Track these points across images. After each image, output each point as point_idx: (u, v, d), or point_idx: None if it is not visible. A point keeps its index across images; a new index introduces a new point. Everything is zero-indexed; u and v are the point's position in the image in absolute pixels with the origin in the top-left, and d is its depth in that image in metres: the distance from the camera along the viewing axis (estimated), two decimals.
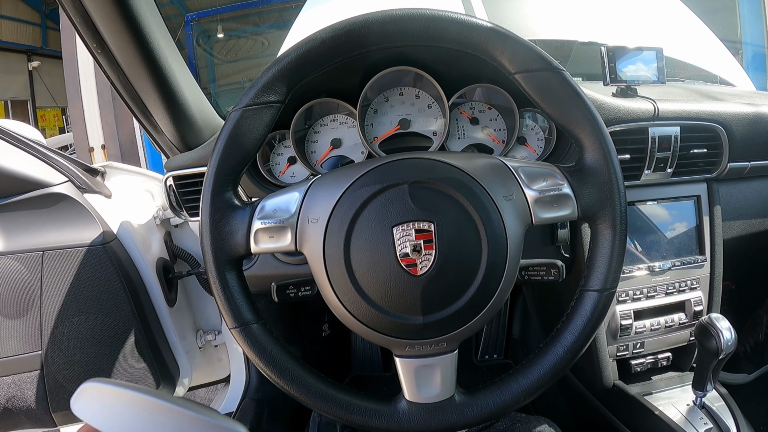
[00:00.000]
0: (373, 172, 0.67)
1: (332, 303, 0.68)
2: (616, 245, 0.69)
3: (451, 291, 0.65)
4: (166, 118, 1.06)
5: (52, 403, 1.17)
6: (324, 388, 0.70)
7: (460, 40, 0.67)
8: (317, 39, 0.66)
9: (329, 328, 1.63)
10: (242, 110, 0.67)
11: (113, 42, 0.93)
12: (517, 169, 0.69)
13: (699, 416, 1.04)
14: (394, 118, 1.01)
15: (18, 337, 1.14)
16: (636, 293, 1.11)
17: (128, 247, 1.19)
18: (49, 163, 1.14)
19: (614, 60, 1.12)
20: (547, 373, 0.70)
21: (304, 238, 0.67)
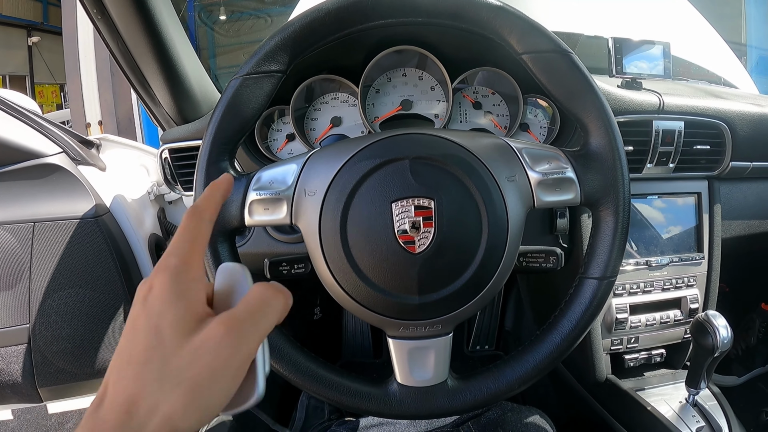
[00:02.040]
0: (374, 145, 0.66)
1: (326, 279, 0.66)
2: (618, 233, 0.68)
3: (449, 271, 0.64)
4: (165, 90, 1.04)
5: (39, 378, 1.16)
6: (314, 367, 0.69)
7: (468, 18, 0.66)
8: (322, 9, 0.65)
9: (320, 312, 1.62)
10: (242, 78, 0.65)
11: (114, 8, 0.91)
12: (521, 150, 0.68)
13: (691, 414, 1.04)
14: (396, 99, 0.99)
15: (5, 309, 1.13)
16: (633, 287, 1.10)
17: (121, 221, 1.18)
18: (44, 134, 1.13)
19: (621, 52, 1.11)
20: (543, 361, 0.69)
21: (300, 211, 0.65)
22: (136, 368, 0.36)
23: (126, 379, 0.36)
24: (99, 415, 0.35)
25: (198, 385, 0.36)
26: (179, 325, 0.38)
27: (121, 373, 0.37)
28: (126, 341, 0.38)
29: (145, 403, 0.35)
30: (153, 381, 0.36)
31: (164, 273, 0.39)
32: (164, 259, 0.40)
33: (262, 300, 0.41)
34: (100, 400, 0.36)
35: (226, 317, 0.39)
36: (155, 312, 0.38)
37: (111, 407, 0.35)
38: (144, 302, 0.39)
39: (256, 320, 0.40)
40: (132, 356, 0.37)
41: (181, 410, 0.35)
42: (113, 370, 0.37)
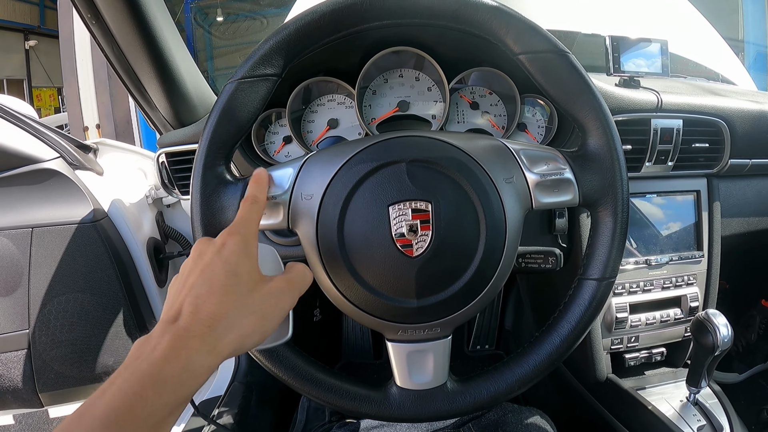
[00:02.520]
0: (371, 149, 0.65)
1: (323, 283, 0.66)
2: (616, 234, 0.67)
3: (447, 274, 0.64)
4: (161, 94, 1.04)
5: (39, 383, 1.16)
6: (313, 372, 0.69)
7: (464, 18, 0.65)
8: (317, 12, 0.64)
9: (320, 314, 1.62)
10: (237, 82, 0.65)
11: (108, 12, 0.91)
12: (519, 151, 0.68)
13: (692, 413, 1.03)
14: (393, 100, 0.99)
15: (5, 315, 1.13)
16: (632, 286, 1.10)
17: (119, 225, 1.17)
18: (41, 139, 1.13)
19: (618, 50, 1.10)
20: (543, 363, 0.69)
21: (297, 216, 0.65)
22: (219, 297, 0.49)
23: (208, 303, 0.49)
24: (180, 325, 0.47)
25: (265, 316, 0.52)
26: (251, 274, 0.53)
27: (200, 299, 0.49)
28: (202, 278, 0.51)
29: (225, 322, 0.48)
30: (232, 308, 0.49)
31: (237, 236, 0.54)
32: (235, 227, 0.55)
33: (303, 272, 0.58)
34: (174, 316, 0.48)
35: (286, 277, 0.56)
36: (232, 262, 0.52)
37: (193, 321, 0.47)
38: (218, 253, 0.52)
39: (301, 285, 0.57)
40: (213, 288, 0.50)
41: (249, 331, 0.50)
42: (187, 296, 0.49)
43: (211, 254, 0.53)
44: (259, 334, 0.52)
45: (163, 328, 0.47)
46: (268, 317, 0.52)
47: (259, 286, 0.53)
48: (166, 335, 0.46)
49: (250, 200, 0.59)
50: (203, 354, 0.46)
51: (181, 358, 0.45)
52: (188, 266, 0.54)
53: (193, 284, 0.50)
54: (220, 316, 0.48)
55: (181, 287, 0.52)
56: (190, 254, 0.56)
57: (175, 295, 0.51)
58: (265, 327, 0.52)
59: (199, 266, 0.52)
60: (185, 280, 0.52)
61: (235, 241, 0.53)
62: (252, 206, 0.59)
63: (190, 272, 0.52)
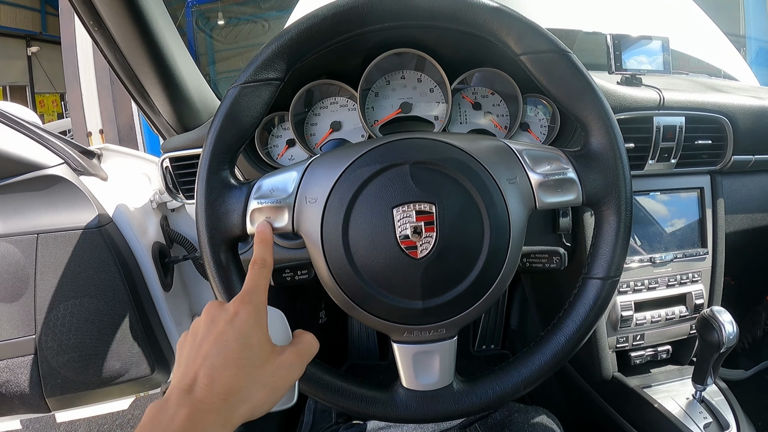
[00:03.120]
0: (374, 151, 0.66)
1: (329, 286, 0.66)
2: (620, 233, 0.67)
3: (452, 275, 0.64)
4: (164, 99, 1.04)
5: (46, 389, 1.16)
6: (320, 373, 0.69)
7: (465, 20, 0.65)
8: (318, 15, 0.65)
9: (326, 316, 1.62)
10: (240, 87, 0.65)
11: (111, 19, 0.91)
12: (521, 152, 0.68)
13: (698, 410, 1.03)
14: (395, 102, 0.99)
15: (11, 321, 1.13)
16: (637, 284, 1.10)
17: (124, 230, 1.17)
18: (45, 145, 1.13)
19: (620, 48, 1.10)
20: (548, 363, 0.69)
21: (302, 219, 0.65)
22: (233, 371, 0.51)
23: (224, 377, 0.50)
24: (196, 397, 0.49)
25: (275, 388, 0.54)
26: (263, 345, 0.55)
27: (215, 371, 0.51)
28: (216, 348, 0.52)
29: (239, 395, 0.51)
30: (246, 381, 0.52)
31: (249, 305, 0.56)
32: (246, 295, 0.57)
33: (311, 342, 0.60)
34: (189, 386, 0.50)
35: (295, 349, 0.58)
36: (244, 333, 0.54)
37: (209, 394, 0.49)
38: (231, 322, 0.54)
39: (308, 356, 0.59)
40: (227, 361, 0.52)
41: (261, 402, 0.53)
42: (202, 366, 0.51)
43: (224, 323, 0.54)
44: (268, 405, 0.54)
45: (179, 397, 0.49)
46: (279, 389, 0.55)
47: (270, 358, 0.55)
48: (184, 407, 0.48)
49: (259, 264, 0.61)
50: (218, 426, 0.49)
51: (198, 430, 0.47)
52: (201, 331, 0.55)
53: (207, 353, 0.52)
54: (235, 389, 0.51)
55: (194, 354, 0.53)
56: (201, 315, 0.57)
57: (190, 360, 0.53)
58: (275, 398, 0.54)
59: (212, 334, 0.54)
60: (199, 346, 0.54)
61: (248, 311, 0.55)
62: (261, 271, 0.60)
63: (204, 339, 0.54)
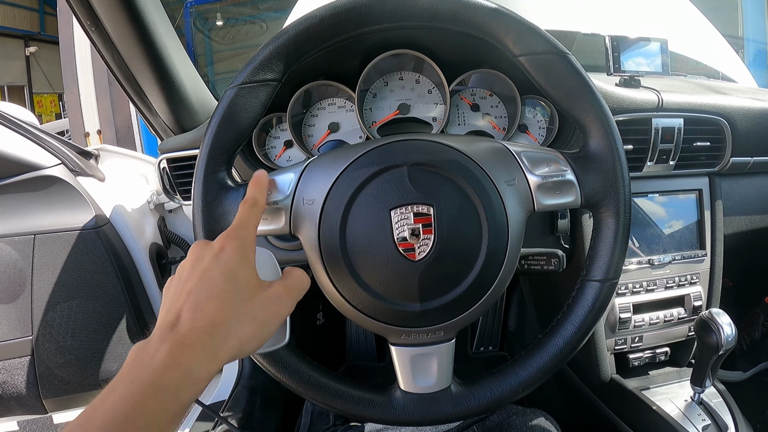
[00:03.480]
0: (372, 153, 0.65)
1: (326, 288, 0.66)
2: (619, 234, 0.67)
3: (450, 277, 0.64)
4: (161, 99, 1.04)
5: (43, 390, 1.16)
6: (317, 376, 0.69)
7: (464, 20, 0.65)
8: (316, 16, 0.64)
9: (323, 317, 1.62)
10: (237, 88, 0.65)
11: (108, 19, 0.91)
12: (520, 153, 0.68)
13: (697, 412, 1.03)
14: (393, 103, 0.98)
15: (8, 322, 1.13)
16: (635, 286, 1.09)
17: (121, 231, 1.17)
18: (42, 146, 1.13)
19: (618, 50, 1.10)
20: (547, 365, 0.69)
21: (299, 221, 0.65)
22: (218, 303, 0.49)
23: (208, 310, 0.49)
24: (180, 332, 0.47)
25: (263, 322, 0.52)
26: (249, 280, 0.53)
27: (200, 305, 0.49)
28: (200, 284, 0.50)
29: (225, 329, 0.49)
30: (232, 315, 0.50)
31: (236, 240, 0.54)
32: (233, 231, 0.55)
33: (300, 278, 0.58)
34: (172, 322, 0.48)
35: (284, 283, 0.56)
36: (230, 267, 0.52)
37: (192, 328, 0.47)
38: (217, 258, 0.52)
39: (299, 291, 0.57)
40: (212, 294, 0.50)
41: (248, 337, 0.51)
42: (186, 302, 0.49)
43: (209, 258, 0.52)
44: (257, 340, 0.52)
45: (161, 334, 0.47)
46: (267, 323, 0.53)
47: (257, 292, 0.53)
48: (166, 342, 0.46)
49: (249, 203, 0.59)
50: (203, 361, 0.47)
51: (182, 365, 0.45)
52: (186, 270, 0.53)
53: (191, 289, 0.50)
54: (220, 322, 0.49)
55: (179, 291, 0.51)
56: (187, 256, 0.55)
57: (173, 299, 0.51)
58: (263, 333, 0.52)
59: (197, 270, 0.52)
60: (183, 284, 0.51)
61: (234, 246, 0.53)
62: (251, 209, 0.58)
63: (188, 276, 0.52)
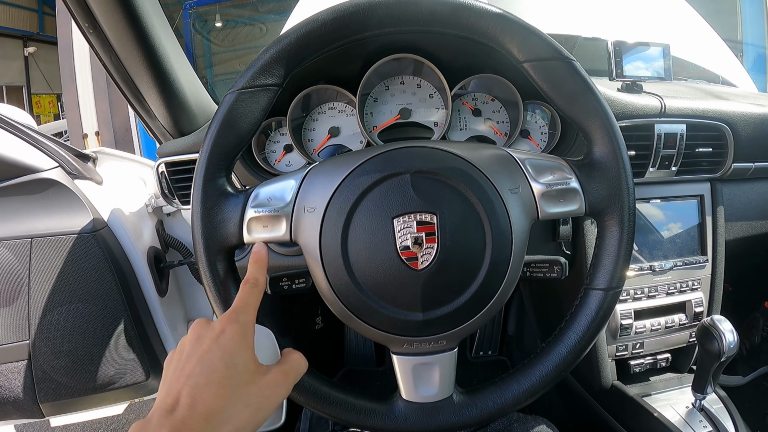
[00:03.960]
0: (374, 160, 0.65)
1: (327, 297, 0.65)
2: (623, 243, 0.67)
3: (453, 287, 0.63)
4: (160, 103, 1.03)
5: (40, 394, 1.15)
6: (317, 385, 0.68)
7: (467, 26, 0.64)
8: (318, 20, 0.64)
9: (322, 321, 1.61)
10: (237, 93, 0.64)
11: (106, 22, 0.90)
12: (524, 161, 0.67)
13: (698, 419, 1.03)
14: (394, 108, 0.98)
15: (5, 326, 1.12)
16: (637, 293, 1.09)
17: (119, 235, 1.16)
18: (39, 148, 1.12)
19: (620, 55, 1.10)
20: (550, 374, 0.68)
21: (300, 228, 0.64)
22: (216, 389, 0.50)
23: (206, 396, 0.49)
24: (177, 417, 0.48)
25: (260, 408, 0.53)
26: (248, 365, 0.54)
27: (198, 390, 0.50)
28: (200, 367, 0.51)
29: (221, 415, 0.49)
30: (229, 401, 0.50)
31: (236, 324, 0.55)
32: (233, 313, 0.56)
33: (298, 360, 0.60)
34: (171, 405, 0.49)
35: (282, 369, 0.57)
36: (229, 352, 0.53)
37: (190, 414, 0.48)
38: (217, 341, 0.53)
39: (295, 376, 0.59)
40: (211, 380, 0.50)
41: (245, 423, 0.51)
42: (185, 386, 0.50)
43: (209, 341, 0.53)
44: (253, 425, 0.53)
45: (161, 418, 0.48)
46: (263, 408, 0.53)
47: (255, 378, 0.54)
48: (164, 429, 0.47)
49: (251, 283, 0.60)
50: None
51: None
52: (186, 349, 0.54)
53: (191, 372, 0.51)
54: (217, 409, 0.50)
55: (179, 373, 0.52)
56: (188, 334, 0.56)
57: (174, 379, 0.52)
58: (259, 418, 0.53)
59: (197, 353, 0.53)
60: (183, 366, 0.52)
61: (234, 330, 0.54)
62: (252, 290, 0.59)
63: (188, 358, 0.53)
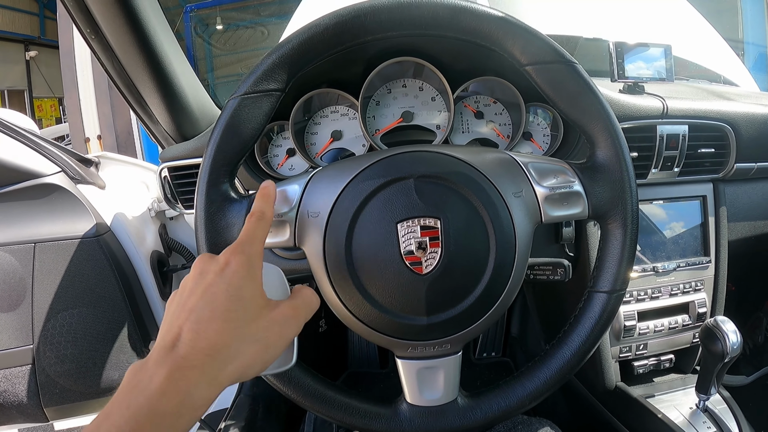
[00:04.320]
0: (377, 165, 0.65)
1: (332, 302, 0.65)
2: (626, 246, 0.67)
3: (457, 291, 0.63)
4: (162, 107, 1.03)
5: (44, 398, 1.15)
6: (322, 389, 0.68)
7: (470, 30, 0.65)
8: (321, 25, 0.64)
9: (325, 324, 1.61)
10: (240, 98, 0.64)
11: (107, 27, 0.90)
12: (527, 164, 0.67)
13: (702, 420, 1.03)
14: (396, 111, 0.98)
15: (9, 330, 1.12)
16: (640, 294, 1.09)
17: (122, 239, 1.17)
18: (42, 153, 1.12)
19: (622, 56, 1.10)
20: (554, 377, 0.68)
21: (304, 233, 0.64)
22: (220, 324, 0.47)
23: (209, 330, 0.46)
24: (179, 353, 0.44)
25: (268, 345, 0.50)
26: (255, 299, 0.50)
27: (201, 325, 0.46)
28: (203, 301, 0.48)
29: (226, 351, 0.46)
30: (235, 336, 0.47)
31: (242, 255, 0.51)
32: (239, 245, 0.52)
33: (310, 296, 0.56)
34: (172, 342, 0.45)
35: (292, 303, 0.53)
36: (235, 285, 0.49)
37: (192, 350, 0.45)
38: (221, 274, 0.49)
39: (307, 312, 0.54)
40: (214, 314, 0.47)
41: (252, 361, 0.48)
42: (187, 321, 0.47)
43: (213, 274, 0.50)
44: (261, 363, 0.50)
45: (160, 355, 0.45)
46: (272, 346, 0.50)
47: (263, 312, 0.50)
48: (164, 365, 0.43)
49: (257, 216, 0.56)
50: (203, 386, 0.44)
51: (180, 390, 0.43)
52: (188, 285, 0.50)
53: (193, 307, 0.47)
54: (222, 344, 0.46)
55: (180, 308, 0.48)
56: (190, 271, 0.52)
57: (174, 316, 0.48)
58: (268, 356, 0.50)
59: (200, 287, 0.49)
60: (185, 301, 0.49)
61: (240, 262, 0.50)
62: (258, 223, 0.55)
63: (191, 292, 0.49)
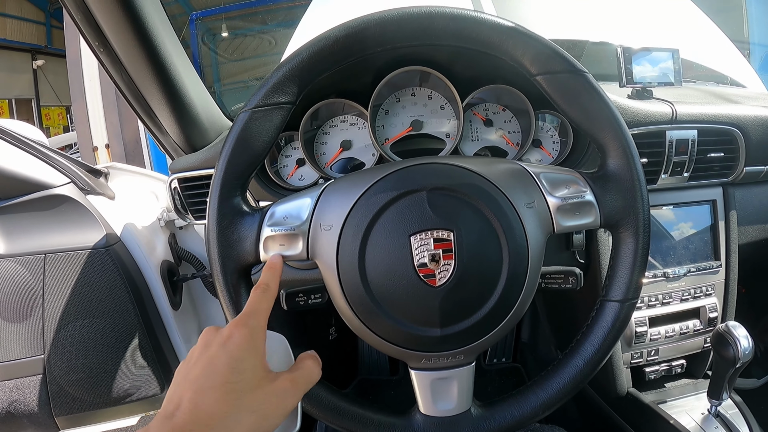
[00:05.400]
0: (390, 177, 0.65)
1: (345, 313, 0.65)
2: (638, 254, 0.67)
3: (471, 302, 0.63)
4: (171, 119, 1.03)
5: (55, 408, 1.16)
6: (336, 400, 0.68)
7: (480, 40, 0.65)
8: (330, 37, 0.64)
9: (336, 332, 1.61)
10: (251, 112, 0.64)
11: (116, 40, 0.91)
12: (539, 175, 0.67)
13: (714, 425, 1.02)
14: (405, 120, 0.98)
15: (20, 340, 1.12)
16: (651, 300, 1.09)
17: (132, 249, 1.17)
18: (51, 164, 1.12)
19: (630, 61, 1.10)
20: (567, 386, 0.68)
21: (317, 246, 0.64)
22: (219, 394, 0.48)
23: (209, 401, 0.48)
24: (177, 422, 0.46)
25: (266, 415, 0.51)
26: (255, 371, 0.52)
27: (201, 395, 0.48)
28: (205, 372, 0.50)
29: (224, 421, 0.47)
30: (232, 407, 0.48)
31: (245, 328, 0.53)
32: (244, 318, 0.55)
33: (311, 368, 0.57)
34: (172, 411, 0.47)
35: (291, 376, 0.55)
36: (237, 357, 0.51)
37: (190, 419, 0.46)
38: (224, 346, 0.52)
39: (306, 384, 0.56)
40: (214, 385, 0.49)
41: (250, 430, 0.49)
42: (188, 390, 0.48)
43: (217, 346, 0.52)
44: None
45: (158, 424, 0.46)
46: (270, 417, 0.51)
47: (262, 384, 0.52)
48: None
49: (262, 288, 0.59)
50: None
51: None
52: (194, 356, 0.53)
53: (195, 377, 0.50)
54: (220, 414, 0.48)
55: (183, 378, 0.51)
56: (197, 343, 0.55)
57: (178, 385, 0.51)
58: (265, 427, 0.51)
59: (204, 358, 0.52)
60: (189, 371, 0.51)
61: (243, 334, 0.53)
62: (263, 295, 0.58)
63: (195, 363, 0.52)
